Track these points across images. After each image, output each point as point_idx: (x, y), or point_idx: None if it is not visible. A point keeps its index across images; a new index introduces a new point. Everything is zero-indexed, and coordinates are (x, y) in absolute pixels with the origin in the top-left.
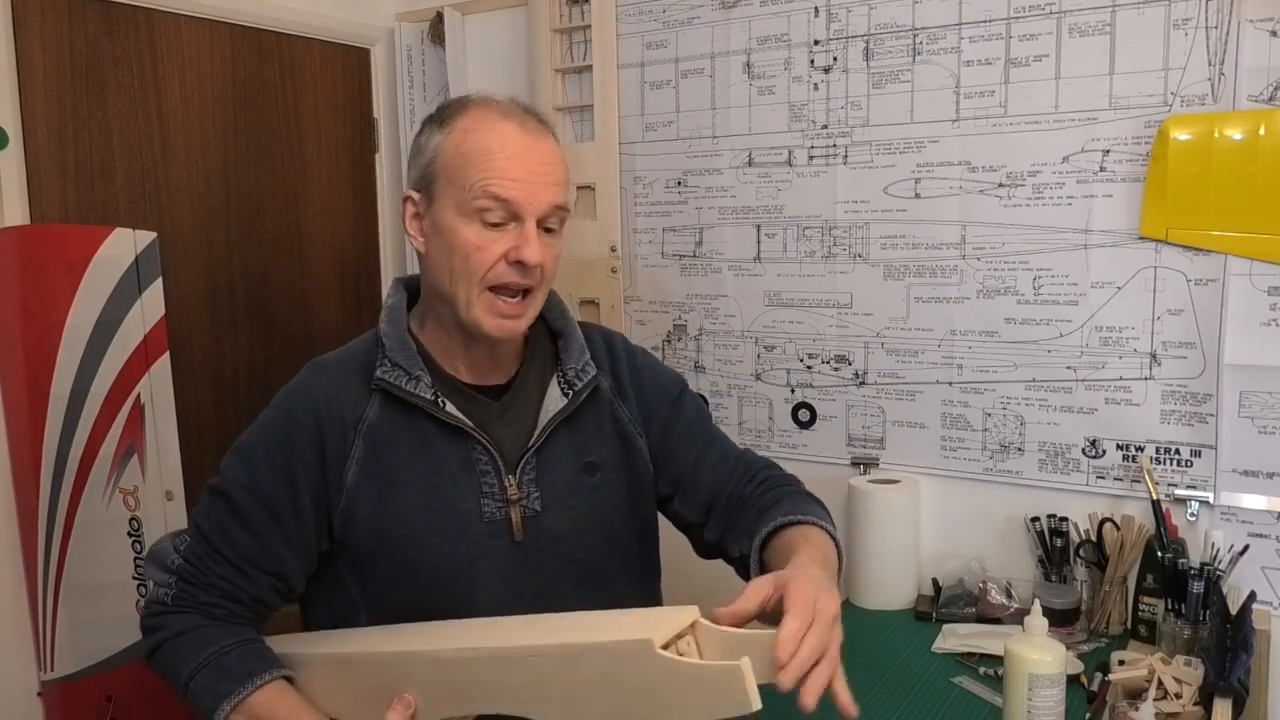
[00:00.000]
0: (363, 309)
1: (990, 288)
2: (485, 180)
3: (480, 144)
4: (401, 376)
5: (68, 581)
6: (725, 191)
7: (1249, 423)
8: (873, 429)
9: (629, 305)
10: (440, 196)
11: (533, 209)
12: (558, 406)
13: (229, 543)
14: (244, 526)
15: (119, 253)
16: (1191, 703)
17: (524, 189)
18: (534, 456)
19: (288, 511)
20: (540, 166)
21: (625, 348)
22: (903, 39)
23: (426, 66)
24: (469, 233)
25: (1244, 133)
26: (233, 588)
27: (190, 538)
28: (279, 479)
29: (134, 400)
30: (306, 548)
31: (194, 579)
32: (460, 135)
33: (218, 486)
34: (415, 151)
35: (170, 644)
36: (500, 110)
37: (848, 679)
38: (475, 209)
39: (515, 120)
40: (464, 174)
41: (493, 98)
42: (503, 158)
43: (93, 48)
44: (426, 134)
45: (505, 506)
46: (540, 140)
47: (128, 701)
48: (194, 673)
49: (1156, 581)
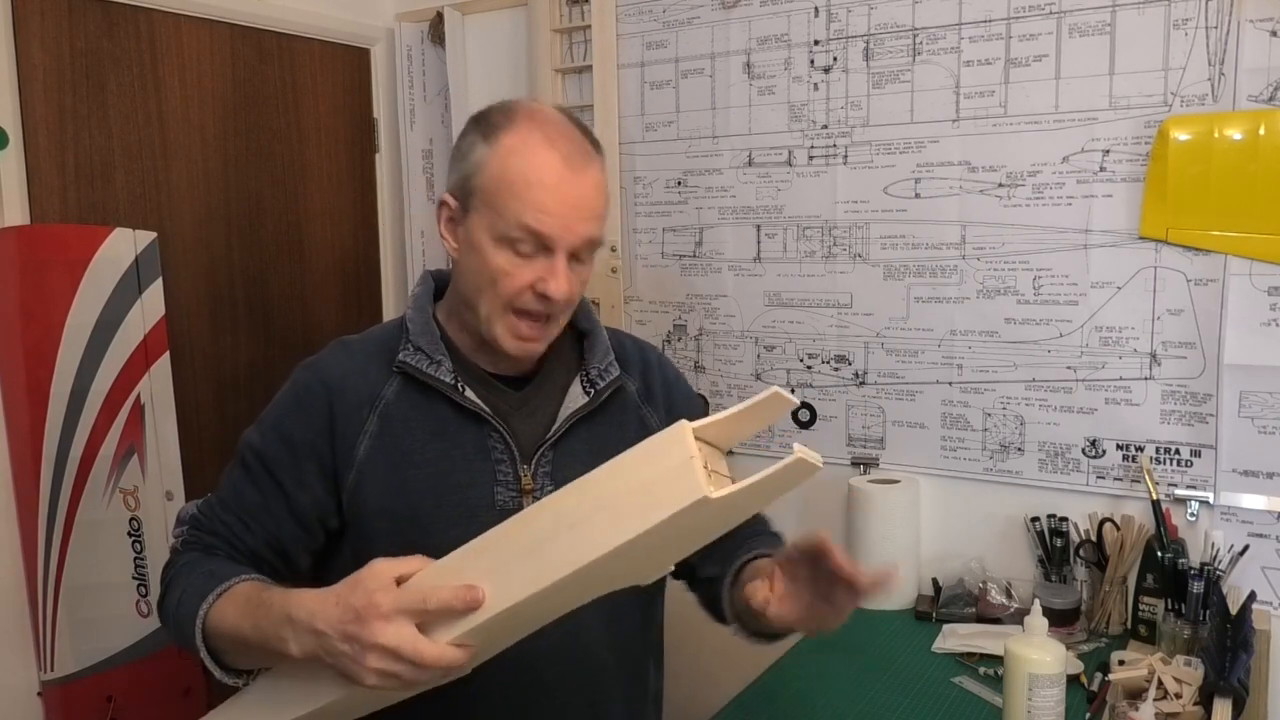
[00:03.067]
0: (363, 309)
1: (990, 288)
2: (521, 212)
3: (521, 172)
4: (423, 360)
5: (68, 581)
6: (725, 191)
7: (1249, 423)
8: (873, 429)
9: (629, 305)
10: (476, 213)
11: (564, 243)
12: (579, 403)
13: (237, 497)
14: (252, 484)
15: (119, 253)
16: (1191, 703)
17: (559, 224)
18: (550, 449)
19: (290, 479)
20: (578, 200)
21: (659, 359)
22: (903, 39)
23: (426, 66)
24: (499, 258)
25: (1244, 133)
26: (232, 535)
27: (211, 494)
28: (283, 447)
29: (134, 400)
30: (307, 519)
31: (202, 525)
32: (503, 156)
33: (238, 450)
34: (457, 155)
35: (173, 579)
36: (546, 135)
37: (848, 678)
38: (508, 238)
39: (560, 150)
40: (502, 201)
41: (541, 111)
42: (541, 190)
43: (93, 48)
44: (470, 140)
45: (519, 496)
46: (583, 172)
47: (128, 701)
48: (186, 587)
49: (1156, 581)
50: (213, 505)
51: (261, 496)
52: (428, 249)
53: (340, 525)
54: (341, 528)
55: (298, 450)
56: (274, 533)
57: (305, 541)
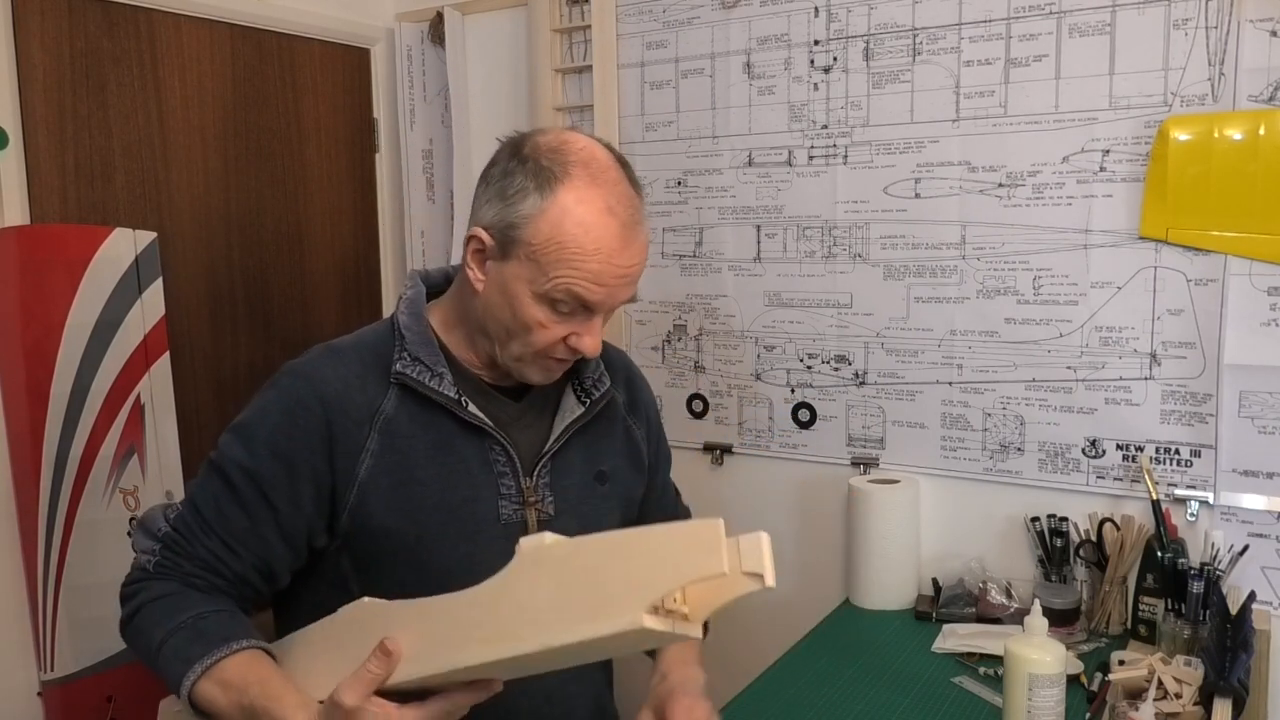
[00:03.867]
0: (363, 309)
1: (990, 288)
2: (572, 281)
3: (578, 239)
4: (424, 372)
5: (68, 581)
6: (725, 191)
7: (1249, 423)
8: (873, 429)
9: (629, 305)
10: (516, 262)
11: (607, 308)
12: (575, 414)
13: (221, 519)
14: (238, 505)
15: (119, 253)
16: (1191, 703)
17: (606, 294)
18: (550, 461)
19: (284, 500)
20: (627, 270)
21: (638, 372)
22: (903, 39)
23: (426, 66)
24: (536, 313)
25: (1244, 133)
26: (217, 562)
27: (182, 508)
28: (278, 466)
29: (134, 400)
30: (297, 540)
31: (180, 549)
32: (558, 217)
33: (216, 463)
34: (499, 192)
35: (146, 608)
36: (605, 199)
37: (848, 678)
38: (550, 298)
39: (620, 219)
40: (551, 262)
41: (595, 160)
42: (596, 262)
43: (93, 48)
44: (517, 182)
45: (523, 508)
46: (636, 237)
47: (128, 701)
48: (167, 637)
49: (1156, 581)
50: (190, 526)
51: (250, 520)
52: (427, 249)
53: (326, 543)
54: (329, 546)
55: (296, 470)
56: (262, 556)
57: (291, 561)
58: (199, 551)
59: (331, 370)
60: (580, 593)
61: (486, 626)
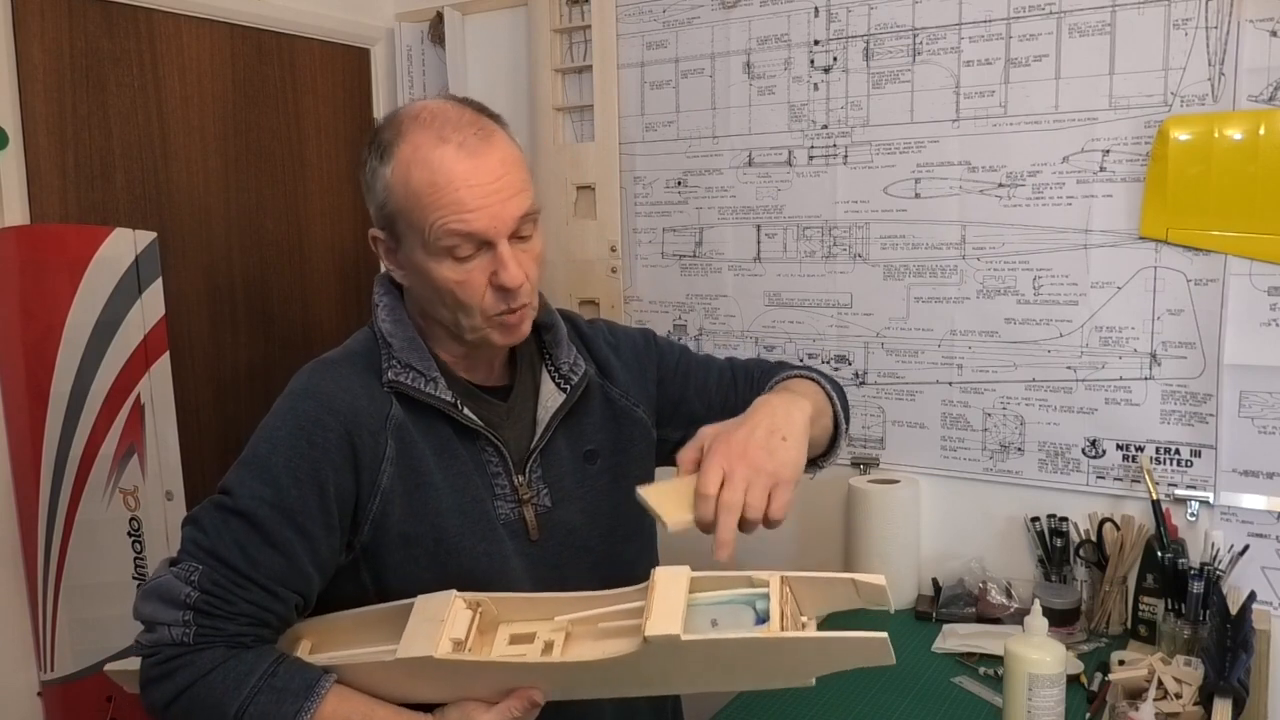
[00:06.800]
0: (363, 309)
1: (990, 288)
2: (441, 220)
3: (424, 179)
4: (418, 379)
5: (68, 581)
6: (725, 191)
7: (1249, 423)
8: (873, 429)
9: (629, 305)
10: (404, 237)
11: (499, 231)
12: (557, 403)
13: (253, 566)
14: (270, 546)
15: (119, 253)
16: (1191, 703)
17: (484, 216)
18: (539, 454)
19: (318, 524)
20: (494, 183)
21: (590, 327)
22: (903, 39)
23: (426, 66)
24: (445, 271)
25: (1244, 133)
26: (262, 611)
27: (203, 566)
28: (307, 489)
29: (134, 400)
30: (329, 566)
31: (218, 610)
32: (403, 170)
33: (231, 507)
34: (366, 188)
35: (199, 684)
36: (436, 131)
37: (848, 678)
38: (442, 248)
39: (453, 141)
40: (418, 215)
41: (426, 109)
42: (450, 190)
43: (93, 48)
44: (370, 167)
45: (518, 506)
46: (486, 153)
47: (128, 701)
48: (245, 703)
49: (1156, 581)
50: (222, 584)
51: (285, 557)
52: None
53: (344, 560)
54: (344, 563)
55: (325, 491)
56: (302, 592)
57: (320, 587)
58: (241, 607)
59: (335, 384)
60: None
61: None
